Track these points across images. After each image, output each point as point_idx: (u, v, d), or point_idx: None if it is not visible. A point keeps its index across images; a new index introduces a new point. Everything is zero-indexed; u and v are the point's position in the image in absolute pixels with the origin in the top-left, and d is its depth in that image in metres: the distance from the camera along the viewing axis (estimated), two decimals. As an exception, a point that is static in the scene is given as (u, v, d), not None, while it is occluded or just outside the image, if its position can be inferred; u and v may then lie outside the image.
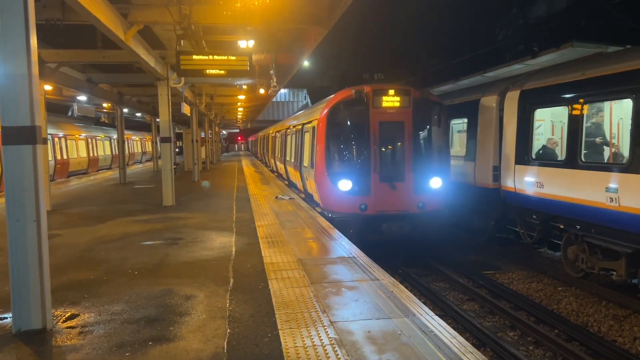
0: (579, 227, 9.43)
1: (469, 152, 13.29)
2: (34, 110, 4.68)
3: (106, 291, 6.12)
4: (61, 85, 16.80)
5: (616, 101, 9.25)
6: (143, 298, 5.82)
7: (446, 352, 4.19)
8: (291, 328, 4.76)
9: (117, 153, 30.40)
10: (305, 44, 14.62)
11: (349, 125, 11.89)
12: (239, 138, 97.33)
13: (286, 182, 20.43)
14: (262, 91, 21.94)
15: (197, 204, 14.09)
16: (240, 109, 37.93)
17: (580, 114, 9.30)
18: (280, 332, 4.66)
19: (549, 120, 11.53)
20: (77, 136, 30.06)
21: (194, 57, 10.85)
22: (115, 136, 34.23)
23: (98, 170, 33.59)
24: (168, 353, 4.32)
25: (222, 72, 10.97)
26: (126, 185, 20.92)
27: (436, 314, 5.15)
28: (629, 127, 8.31)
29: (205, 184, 20.96)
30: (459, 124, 14.46)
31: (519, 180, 10.98)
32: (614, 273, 9.00)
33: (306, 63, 18.30)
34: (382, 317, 5.03)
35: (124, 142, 22.27)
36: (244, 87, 22.10)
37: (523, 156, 10.92)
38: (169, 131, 14.43)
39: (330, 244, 8.55)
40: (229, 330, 4.78)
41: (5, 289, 5.62)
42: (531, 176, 10.57)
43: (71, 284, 6.45)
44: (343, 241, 8.69)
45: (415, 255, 11.84)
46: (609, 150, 9.49)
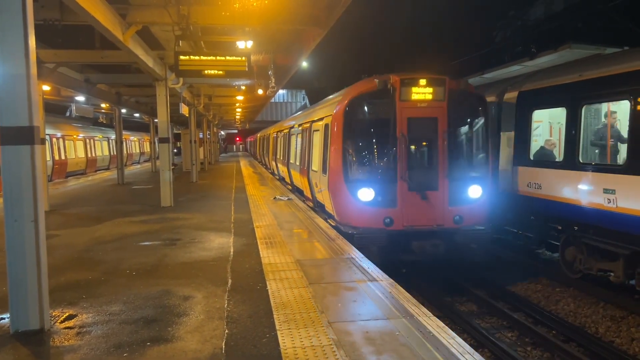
0: (576, 228, 9.45)
1: None
2: (32, 110, 4.67)
3: (104, 292, 6.11)
4: (59, 86, 16.77)
5: (614, 103, 9.28)
6: (141, 298, 5.81)
7: (444, 353, 4.20)
8: (290, 329, 4.76)
9: (115, 153, 30.37)
10: (304, 44, 14.63)
11: (371, 122, 10.09)
12: (238, 139, 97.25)
13: (289, 186, 18.78)
14: (260, 92, 21.92)
15: (196, 205, 14.08)
16: (239, 110, 37.91)
17: (578, 116, 9.32)
18: (278, 333, 4.66)
19: (546, 122, 11.55)
20: (75, 136, 30.01)
21: (193, 57, 10.83)
22: (113, 136, 34.25)
23: (96, 171, 33.56)
24: (166, 353, 4.32)
25: (221, 72, 10.96)
26: (124, 186, 20.89)
27: (434, 314, 5.16)
28: (627, 128, 8.34)
29: (204, 184, 20.95)
30: None
31: (520, 182, 10.98)
32: (612, 274, 9.01)
33: (305, 64, 18.33)
34: (380, 317, 5.03)
35: (122, 143, 22.24)
36: (243, 87, 22.09)
37: (522, 157, 10.93)
38: (167, 132, 14.42)
39: (329, 244, 8.55)
40: (227, 331, 4.78)
41: (3, 289, 5.62)
42: (530, 178, 10.58)
43: (69, 285, 6.44)
44: (343, 243, 8.69)
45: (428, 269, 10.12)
46: (607, 152, 9.52)
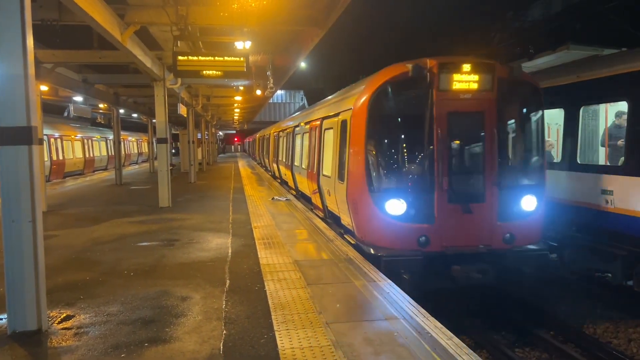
0: (575, 228, 9.46)
1: None
2: (30, 110, 4.66)
3: (102, 292, 6.10)
4: (57, 86, 16.75)
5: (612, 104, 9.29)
6: (139, 299, 5.81)
7: (442, 354, 4.20)
8: (288, 329, 4.76)
9: (113, 154, 30.33)
10: (303, 45, 14.63)
11: (402, 117, 8.28)
12: (236, 139, 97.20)
13: (293, 191, 17.03)
14: (258, 92, 21.90)
15: (194, 205, 14.06)
16: (237, 110, 37.91)
17: (576, 116, 9.34)
18: (276, 334, 4.66)
19: (545, 123, 11.54)
20: (73, 137, 29.96)
21: (191, 58, 10.83)
22: (111, 137, 34.17)
23: (94, 171, 33.51)
24: (164, 354, 4.31)
25: (219, 73, 10.96)
26: (122, 186, 20.86)
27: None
28: (625, 129, 8.35)
29: (202, 185, 20.93)
30: None
31: None
32: (609, 275, 9.03)
33: (303, 64, 18.34)
34: (378, 318, 5.03)
35: (120, 143, 22.23)
36: (241, 88, 22.08)
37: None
38: (165, 132, 14.41)
39: (327, 245, 8.54)
40: (225, 332, 4.77)
41: (1, 290, 5.62)
42: None
43: (67, 285, 6.43)
44: (342, 244, 8.69)
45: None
46: (604, 152, 9.54)
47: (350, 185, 8.42)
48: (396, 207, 7.79)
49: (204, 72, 10.89)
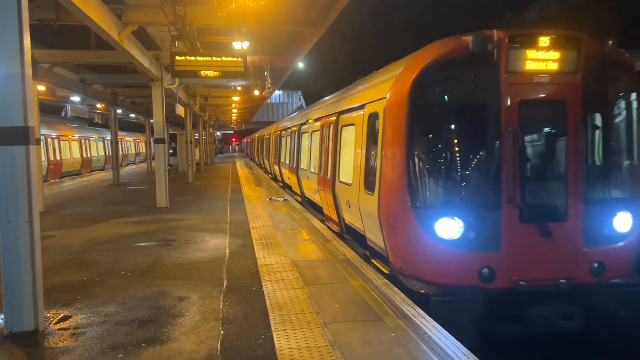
0: None
1: None
2: (26, 110, 4.66)
3: (99, 292, 6.09)
4: (54, 86, 16.74)
5: None
6: (136, 299, 5.80)
7: (440, 354, 4.20)
8: (285, 330, 4.76)
9: (110, 154, 30.28)
10: (300, 45, 14.63)
11: (458, 108, 6.30)
12: (234, 139, 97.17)
13: (298, 197, 15.46)
14: (256, 92, 21.90)
15: (191, 206, 14.05)
16: (235, 110, 37.90)
17: None
18: (274, 334, 4.66)
19: None
20: (70, 137, 29.90)
21: (189, 58, 10.83)
22: (108, 137, 34.09)
23: (91, 171, 33.45)
24: (161, 355, 4.31)
25: (217, 73, 10.96)
26: (119, 187, 20.84)
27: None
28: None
29: (199, 185, 20.92)
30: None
31: None
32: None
33: (301, 65, 18.35)
34: (376, 318, 5.04)
35: (117, 143, 22.21)
36: (239, 88, 22.10)
37: None
38: (162, 132, 14.40)
39: (325, 245, 8.54)
40: (222, 332, 4.77)
41: (-3, 291, 5.59)
42: None
43: (64, 285, 6.41)
44: (340, 244, 8.69)
45: None
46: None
47: (385, 197, 6.53)
48: (449, 228, 5.89)
49: (202, 72, 10.89)
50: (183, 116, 22.81)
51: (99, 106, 28.04)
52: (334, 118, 10.15)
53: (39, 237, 4.83)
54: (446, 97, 6.33)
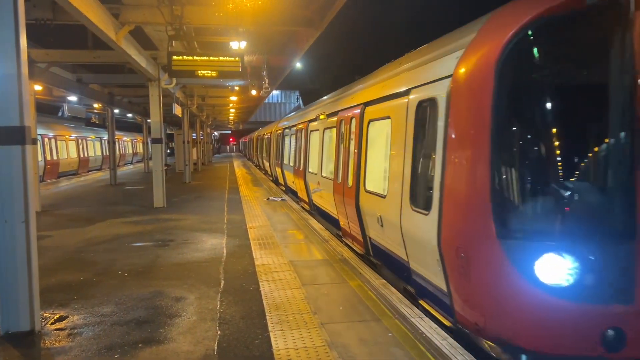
0: None
1: None
2: (23, 110, 4.64)
3: (96, 293, 6.08)
4: (51, 86, 16.69)
5: None
6: (133, 300, 5.78)
7: (437, 354, 4.20)
8: (282, 330, 4.75)
9: (107, 154, 30.25)
10: (298, 45, 14.64)
11: (570, 88, 4.29)
12: (231, 139, 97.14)
13: (305, 203, 13.86)
14: (254, 92, 21.91)
15: (188, 206, 14.03)
16: (232, 110, 37.89)
17: None
18: (271, 334, 4.65)
19: None
20: (67, 137, 29.84)
21: (186, 57, 10.81)
22: (105, 137, 34.07)
23: (88, 171, 33.38)
24: (158, 355, 4.30)
25: (214, 73, 10.94)
26: (117, 187, 20.80)
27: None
28: None
29: (197, 185, 20.89)
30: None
31: None
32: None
33: (299, 65, 18.34)
34: (373, 319, 5.04)
35: (114, 143, 22.16)
36: (236, 88, 22.08)
37: None
38: (160, 132, 14.38)
39: (322, 246, 8.54)
40: (219, 332, 4.76)
41: (-7, 291, 5.57)
42: None
43: (60, 286, 6.39)
44: (337, 245, 8.67)
45: None
46: None
47: (452, 219, 4.59)
48: (557, 268, 4.03)
49: (199, 72, 10.88)
50: (180, 116, 22.79)
51: (96, 106, 28.02)
52: (357, 111, 8.26)
53: (35, 237, 4.81)
54: (554, 71, 4.29)
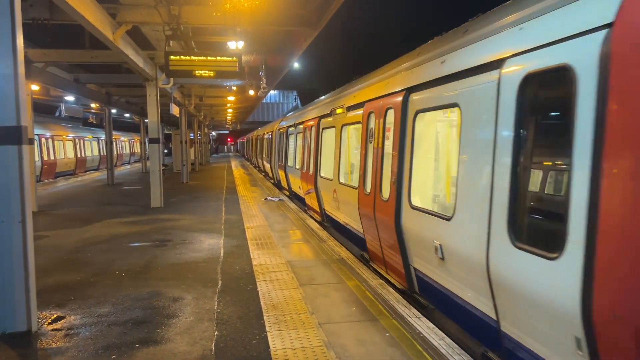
0: None
1: None
2: (19, 110, 4.63)
3: (93, 293, 6.06)
4: (48, 85, 16.65)
5: None
6: (130, 300, 5.77)
7: (434, 354, 4.21)
8: (280, 330, 4.75)
9: (105, 154, 30.20)
10: (295, 45, 14.62)
11: None
12: (229, 139, 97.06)
13: (314, 212, 12.32)
14: (251, 92, 21.89)
15: (186, 206, 14.02)
16: (230, 110, 37.84)
17: None
18: (268, 334, 4.65)
19: None
20: (64, 137, 29.77)
21: (183, 57, 10.78)
22: (103, 137, 34.00)
23: (86, 171, 33.31)
24: (155, 355, 4.29)
25: (212, 73, 10.91)
26: (114, 187, 20.75)
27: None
28: None
29: (194, 185, 20.87)
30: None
31: None
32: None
33: (296, 65, 18.34)
34: (370, 319, 5.04)
35: (112, 143, 22.12)
36: (234, 88, 22.06)
37: None
38: (157, 132, 14.36)
39: (320, 246, 8.54)
40: (216, 333, 4.76)
41: (-10, 291, 5.55)
42: None
43: (57, 286, 6.38)
44: (335, 245, 8.67)
45: None
46: None
47: (623, 273, 2.77)
48: None
49: (197, 72, 10.84)
50: (178, 116, 22.76)
51: (93, 106, 27.96)
52: (398, 99, 6.18)
53: (32, 237, 4.80)
54: None
